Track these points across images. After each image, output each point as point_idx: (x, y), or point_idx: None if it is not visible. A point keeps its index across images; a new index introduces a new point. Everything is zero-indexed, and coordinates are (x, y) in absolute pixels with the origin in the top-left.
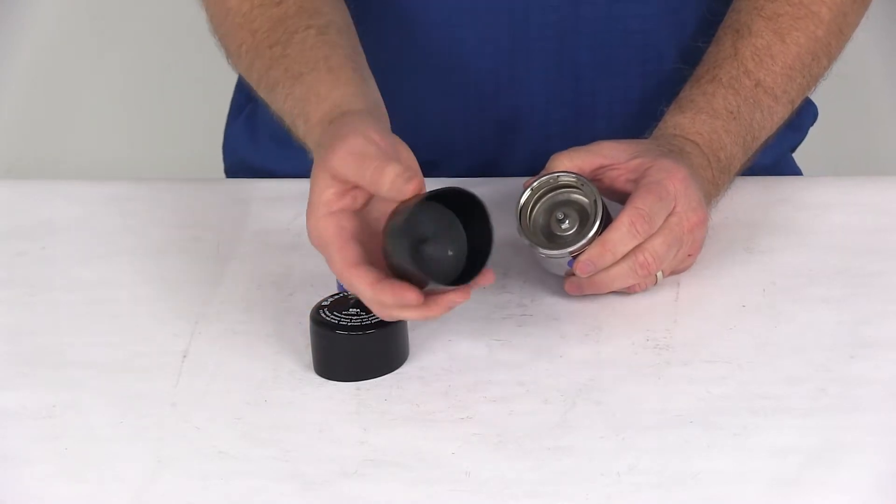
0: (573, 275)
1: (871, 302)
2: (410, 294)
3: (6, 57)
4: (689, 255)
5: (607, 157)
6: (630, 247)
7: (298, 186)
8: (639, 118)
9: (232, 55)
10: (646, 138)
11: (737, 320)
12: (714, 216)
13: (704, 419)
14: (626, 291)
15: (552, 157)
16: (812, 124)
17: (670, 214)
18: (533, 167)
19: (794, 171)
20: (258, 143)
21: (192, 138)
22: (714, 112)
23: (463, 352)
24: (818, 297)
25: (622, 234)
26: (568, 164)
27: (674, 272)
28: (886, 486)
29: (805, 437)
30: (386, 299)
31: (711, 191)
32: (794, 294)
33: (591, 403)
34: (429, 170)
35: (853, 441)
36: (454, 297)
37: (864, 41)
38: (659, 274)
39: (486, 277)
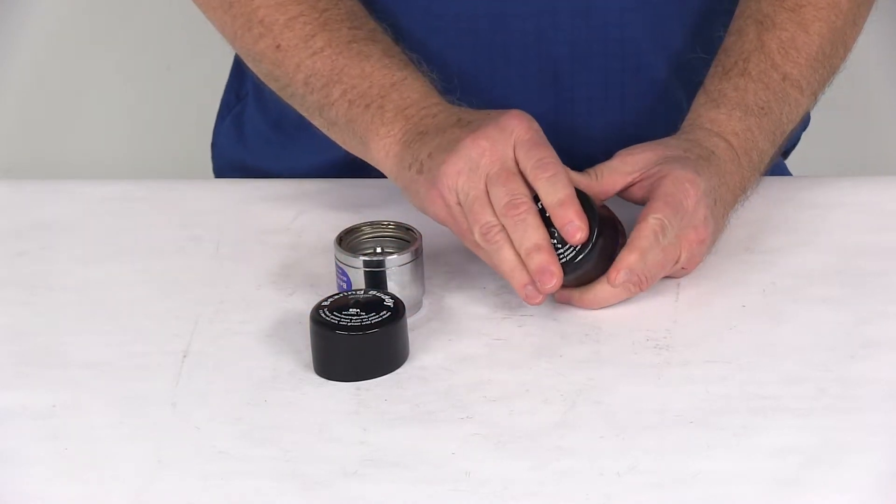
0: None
1: (871, 302)
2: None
3: (6, 57)
4: (682, 268)
5: (636, 171)
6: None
7: (298, 186)
8: (620, 113)
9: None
10: (675, 131)
11: (737, 320)
12: None
13: (704, 419)
14: None
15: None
16: (804, 130)
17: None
18: None
19: (784, 175)
20: (247, 141)
21: (193, 138)
22: (747, 108)
23: (463, 352)
24: (818, 297)
25: (651, 241)
26: (594, 181)
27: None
28: (886, 486)
29: (805, 437)
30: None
31: (739, 193)
32: (794, 294)
33: (591, 403)
34: None
35: (853, 441)
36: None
37: (861, 42)
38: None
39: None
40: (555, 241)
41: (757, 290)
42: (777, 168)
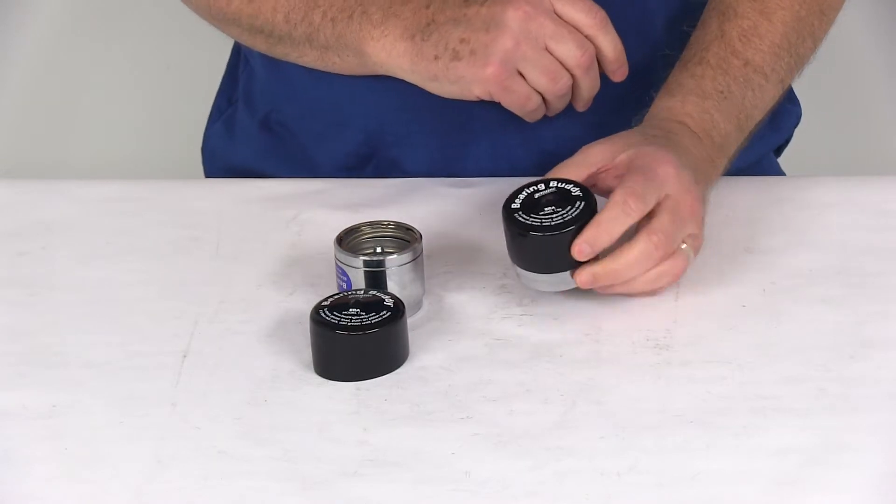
0: (583, 263)
1: (871, 302)
2: None
3: (6, 57)
4: (695, 234)
5: (595, 163)
6: (625, 226)
7: (298, 186)
8: (596, 103)
9: None
10: (635, 125)
11: (737, 320)
12: (714, 216)
13: (704, 419)
14: (657, 286)
15: (547, 174)
16: (796, 125)
17: (666, 198)
18: (491, 168)
19: (777, 172)
20: (237, 144)
21: (193, 139)
22: (703, 93)
23: (463, 352)
24: (818, 297)
25: (615, 212)
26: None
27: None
28: (886, 486)
29: (805, 437)
30: None
31: (709, 169)
32: (794, 294)
33: (591, 403)
34: (388, 166)
35: (853, 441)
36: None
37: (861, 41)
38: (689, 253)
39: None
40: (551, 209)
41: (757, 290)
42: (771, 167)
